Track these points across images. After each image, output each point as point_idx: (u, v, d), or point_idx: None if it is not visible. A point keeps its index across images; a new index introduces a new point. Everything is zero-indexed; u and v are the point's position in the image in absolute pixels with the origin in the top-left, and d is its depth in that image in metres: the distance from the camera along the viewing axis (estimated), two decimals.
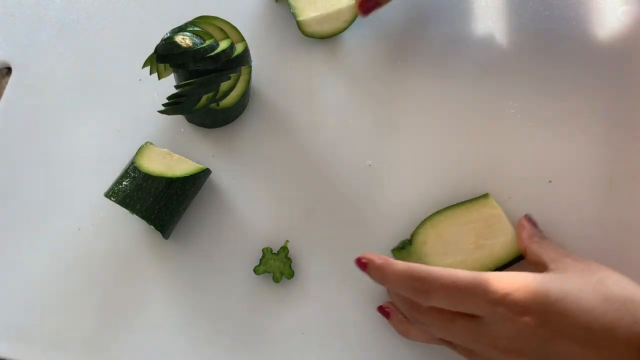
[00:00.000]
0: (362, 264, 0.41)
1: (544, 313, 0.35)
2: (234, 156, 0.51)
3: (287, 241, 0.47)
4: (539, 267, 0.41)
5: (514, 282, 0.36)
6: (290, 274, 0.46)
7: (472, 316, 0.37)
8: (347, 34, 0.54)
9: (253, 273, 0.47)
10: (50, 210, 0.50)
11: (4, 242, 0.50)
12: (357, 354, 0.45)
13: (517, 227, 0.45)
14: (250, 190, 0.50)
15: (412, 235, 0.45)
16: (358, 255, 0.41)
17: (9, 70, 0.57)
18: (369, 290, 0.46)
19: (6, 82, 0.56)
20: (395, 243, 0.46)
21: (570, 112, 0.50)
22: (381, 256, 0.41)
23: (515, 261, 0.44)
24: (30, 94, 0.55)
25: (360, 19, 0.54)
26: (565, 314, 0.35)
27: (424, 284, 0.37)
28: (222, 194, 0.50)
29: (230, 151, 0.51)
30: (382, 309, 0.44)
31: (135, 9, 0.58)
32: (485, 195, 0.46)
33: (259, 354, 0.45)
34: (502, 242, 0.44)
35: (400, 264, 0.39)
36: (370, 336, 0.45)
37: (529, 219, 0.45)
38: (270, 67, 0.54)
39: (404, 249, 0.45)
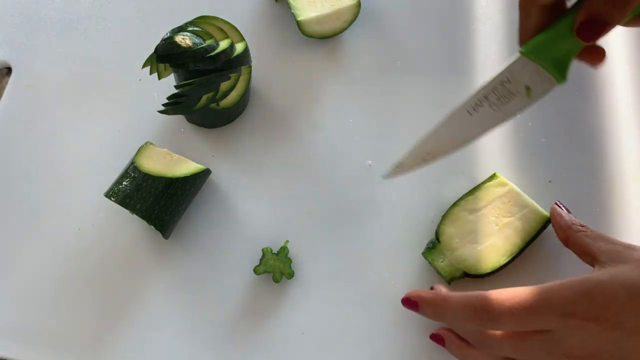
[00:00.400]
0: (412, 304, 0.40)
1: (616, 314, 0.34)
2: (234, 156, 0.51)
3: (287, 241, 0.47)
4: (585, 257, 0.41)
5: (578, 290, 0.35)
6: (290, 274, 0.46)
7: (542, 331, 0.36)
8: (347, 34, 0.54)
9: (253, 273, 0.47)
10: (50, 210, 0.50)
11: (4, 242, 0.50)
12: (357, 353, 0.45)
13: (552, 215, 0.44)
14: (250, 190, 0.50)
15: (437, 233, 0.45)
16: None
17: (9, 70, 0.57)
18: (369, 290, 0.46)
19: (6, 82, 0.56)
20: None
21: (570, 112, 0.50)
22: (430, 291, 0.40)
23: (543, 228, 0.45)
24: (30, 94, 0.55)
25: (361, 19, 0.54)
26: (638, 310, 0.34)
27: (489, 313, 0.36)
28: (222, 194, 0.50)
29: (230, 151, 0.51)
30: (435, 337, 0.42)
31: (135, 9, 0.58)
32: (493, 176, 0.47)
33: (258, 354, 0.45)
34: (524, 215, 0.45)
35: (455, 297, 0.38)
36: (370, 336, 0.45)
37: (562, 205, 0.44)
38: (270, 67, 0.54)
39: (434, 248, 0.45)
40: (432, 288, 0.44)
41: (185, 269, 0.48)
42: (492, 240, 0.44)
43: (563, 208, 0.44)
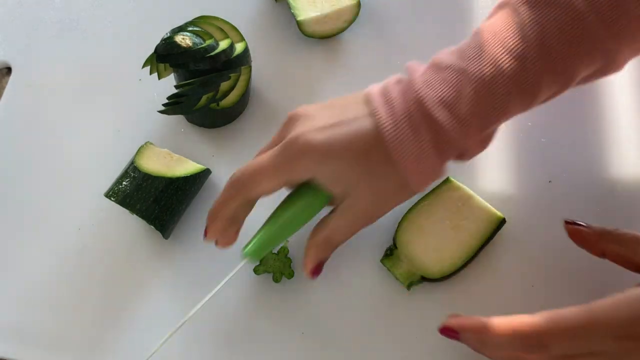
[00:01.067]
0: (452, 332, 0.38)
1: None
2: (234, 156, 0.51)
3: (287, 241, 0.47)
4: (628, 266, 0.39)
5: (633, 310, 0.33)
6: (290, 274, 0.46)
7: (593, 352, 0.34)
8: (347, 34, 0.54)
9: (253, 273, 0.47)
10: (50, 210, 0.50)
11: (4, 242, 0.50)
12: (356, 353, 0.45)
13: (573, 235, 0.41)
14: None
15: (395, 240, 0.46)
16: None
17: (9, 70, 0.57)
18: (369, 291, 0.46)
19: (6, 82, 0.56)
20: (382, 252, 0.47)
21: (570, 112, 0.50)
22: (470, 318, 0.38)
23: (498, 229, 0.45)
24: (30, 94, 0.55)
25: (361, 19, 0.54)
26: None
27: (539, 339, 0.34)
28: None
29: (230, 151, 0.51)
30: (447, 330, 0.39)
31: (135, 9, 0.58)
32: (446, 180, 0.47)
33: (258, 354, 0.45)
34: (478, 218, 0.45)
35: (499, 324, 0.36)
36: (369, 336, 0.45)
37: (575, 222, 0.42)
38: (270, 67, 0.54)
39: (392, 255, 0.46)
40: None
41: (185, 268, 0.48)
42: (448, 244, 0.45)
43: (578, 224, 0.41)
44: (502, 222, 0.45)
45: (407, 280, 0.45)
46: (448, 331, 0.38)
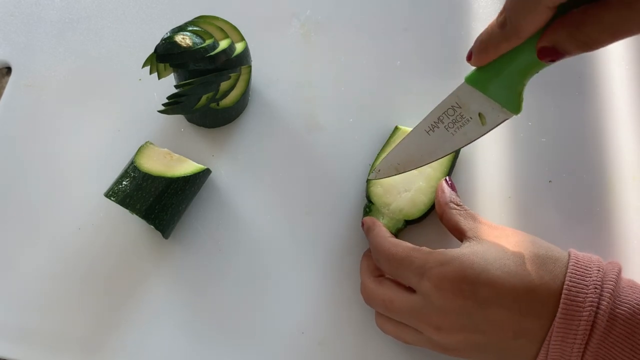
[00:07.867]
0: (363, 225, 0.46)
1: (471, 285, 0.37)
2: (234, 156, 0.51)
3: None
4: (455, 232, 0.43)
5: (439, 258, 0.38)
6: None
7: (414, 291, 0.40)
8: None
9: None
10: (50, 211, 0.50)
11: (4, 242, 0.50)
12: (357, 353, 0.45)
13: (437, 190, 0.46)
14: (250, 190, 0.50)
15: (367, 195, 0.47)
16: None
17: (9, 70, 0.57)
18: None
19: (6, 82, 0.56)
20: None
21: (570, 112, 0.50)
22: (374, 220, 0.45)
23: (456, 157, 0.47)
24: (30, 94, 0.55)
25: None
26: (492, 283, 0.37)
27: (376, 254, 0.42)
28: (222, 193, 0.50)
29: (230, 151, 0.51)
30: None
31: (135, 8, 0.58)
32: (395, 129, 0.49)
33: (259, 353, 0.45)
34: None
35: (375, 231, 0.44)
36: (370, 335, 0.45)
37: (448, 182, 0.46)
38: (270, 67, 0.54)
39: (370, 211, 0.47)
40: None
41: (185, 269, 0.48)
42: (417, 183, 0.46)
43: (447, 185, 0.45)
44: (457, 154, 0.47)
45: (393, 228, 0.46)
46: (363, 224, 0.46)
